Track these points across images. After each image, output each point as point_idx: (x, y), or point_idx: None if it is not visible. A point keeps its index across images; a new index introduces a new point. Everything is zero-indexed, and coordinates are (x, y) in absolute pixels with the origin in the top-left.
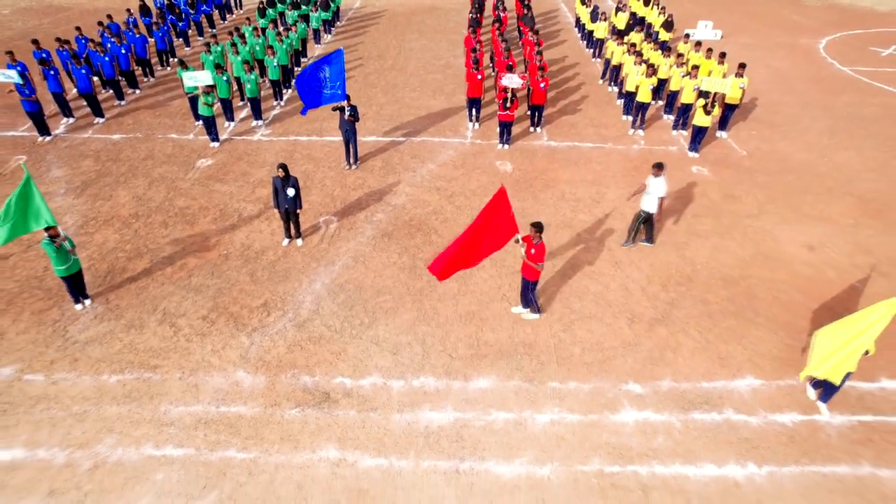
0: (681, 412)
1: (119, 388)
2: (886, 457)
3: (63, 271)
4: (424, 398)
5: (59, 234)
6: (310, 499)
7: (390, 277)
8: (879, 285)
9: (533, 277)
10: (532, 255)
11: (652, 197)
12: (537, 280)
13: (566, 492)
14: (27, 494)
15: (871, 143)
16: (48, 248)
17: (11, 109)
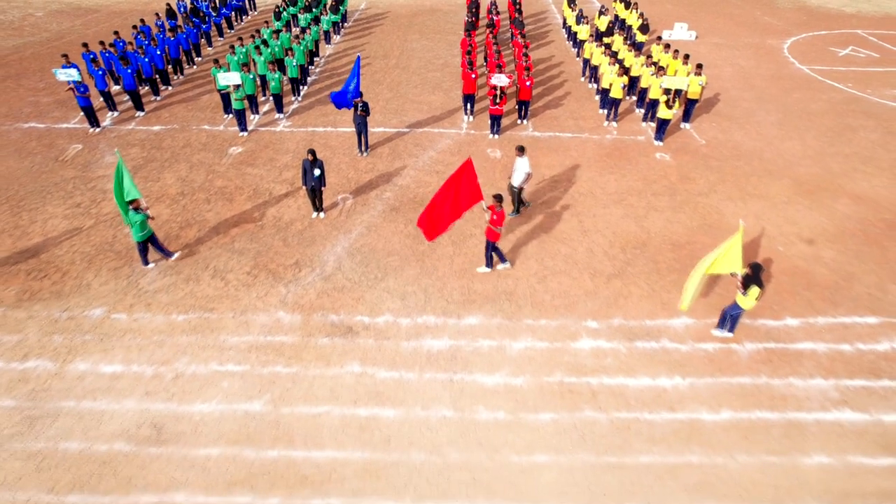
0: (627, 341)
1: (186, 324)
2: (779, 371)
3: (140, 237)
4: (426, 331)
5: (140, 206)
6: (340, 398)
7: (398, 242)
8: (797, 248)
9: (494, 238)
10: (494, 221)
11: (519, 173)
12: (496, 241)
13: (534, 394)
14: (129, 394)
15: (813, 133)
16: (133, 216)
17: (63, 105)
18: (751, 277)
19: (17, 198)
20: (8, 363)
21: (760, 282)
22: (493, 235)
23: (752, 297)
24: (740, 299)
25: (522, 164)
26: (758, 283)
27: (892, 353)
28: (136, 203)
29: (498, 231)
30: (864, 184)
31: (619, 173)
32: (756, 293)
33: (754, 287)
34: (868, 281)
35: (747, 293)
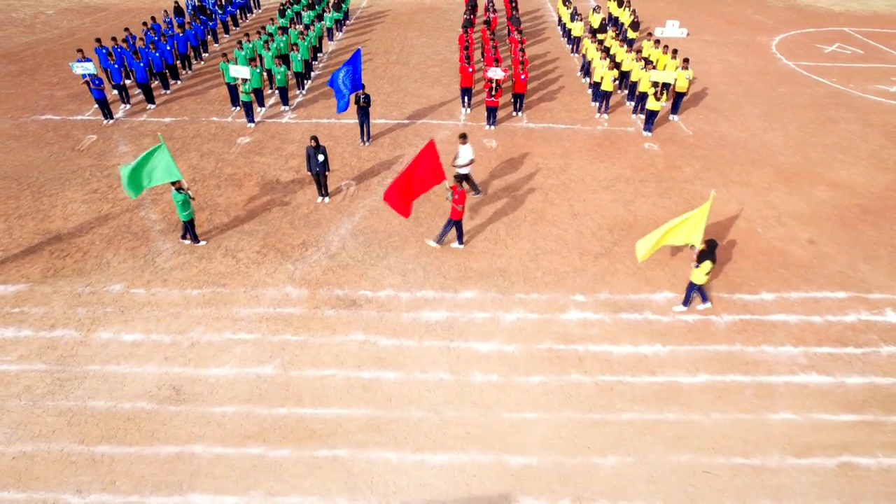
0: (612, 313)
1: (200, 298)
2: (752, 340)
3: (185, 216)
4: (425, 304)
5: (182, 186)
6: (344, 363)
7: (398, 224)
8: (775, 231)
9: (457, 217)
10: (456, 200)
11: (462, 159)
12: (460, 219)
13: (524, 360)
14: (149, 360)
15: (796, 125)
16: (175, 196)
17: (77, 98)
18: (706, 253)
19: (37, 184)
20: (37, 332)
21: (714, 257)
22: (455, 214)
23: (703, 270)
24: (693, 273)
25: (466, 151)
26: (711, 259)
27: (858, 323)
28: (178, 184)
29: (460, 209)
30: (841, 172)
31: (608, 161)
32: (708, 268)
33: (707, 262)
34: (840, 260)
35: (700, 266)
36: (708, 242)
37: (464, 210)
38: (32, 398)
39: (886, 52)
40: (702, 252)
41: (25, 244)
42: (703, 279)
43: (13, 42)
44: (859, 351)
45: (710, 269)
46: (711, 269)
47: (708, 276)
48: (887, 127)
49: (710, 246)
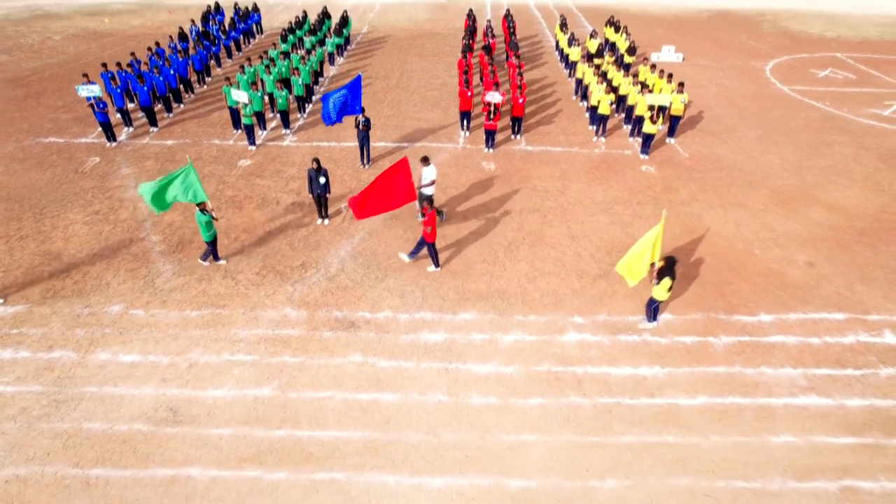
0: (610, 335)
1: (199, 319)
2: (751, 362)
3: (208, 237)
4: (424, 325)
5: (207, 207)
6: (342, 385)
7: (397, 247)
8: (773, 252)
9: (429, 239)
10: (425, 221)
11: (426, 181)
12: (432, 241)
13: (523, 382)
14: (147, 381)
15: (791, 148)
16: (199, 217)
17: (81, 121)
18: (665, 269)
19: (39, 206)
20: (35, 353)
21: (673, 274)
22: (426, 236)
23: (664, 287)
24: (654, 290)
25: (429, 173)
26: (671, 276)
27: (856, 345)
28: (203, 205)
29: (429, 231)
30: (836, 194)
31: (606, 184)
32: (668, 284)
33: (667, 279)
34: (838, 282)
35: (660, 283)
36: (667, 259)
37: (434, 232)
38: (28, 420)
39: (878, 77)
40: (661, 269)
41: (26, 265)
42: (664, 295)
43: (20, 67)
44: (858, 373)
45: (670, 286)
46: (671, 285)
47: (669, 293)
48: (881, 150)
49: (669, 263)
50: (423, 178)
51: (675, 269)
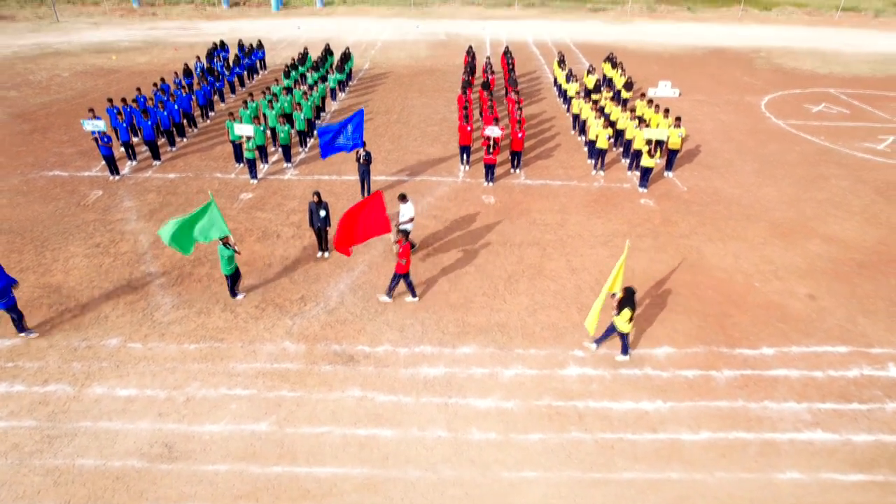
0: (612, 369)
1: (197, 352)
2: (754, 396)
3: (228, 270)
4: (423, 359)
5: (229, 242)
6: (341, 420)
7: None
8: (773, 285)
9: (401, 270)
10: (400, 254)
11: (405, 218)
12: (407, 272)
13: (524, 417)
14: (143, 416)
15: (788, 181)
16: (222, 251)
17: (85, 154)
18: (624, 300)
19: (41, 238)
20: (30, 387)
21: (633, 304)
22: (400, 268)
23: (624, 318)
24: (616, 321)
25: (407, 210)
26: (630, 306)
27: (861, 378)
28: (226, 239)
29: (404, 263)
30: (835, 226)
31: (605, 217)
32: (628, 315)
33: (626, 310)
34: (839, 314)
35: (620, 314)
36: (626, 290)
37: (408, 264)
38: (20, 456)
39: (871, 112)
40: (621, 300)
41: (25, 298)
42: (626, 327)
43: (28, 102)
44: (864, 407)
45: (630, 316)
46: (632, 315)
47: (631, 324)
48: (877, 183)
49: (628, 293)
50: (401, 216)
51: (635, 299)
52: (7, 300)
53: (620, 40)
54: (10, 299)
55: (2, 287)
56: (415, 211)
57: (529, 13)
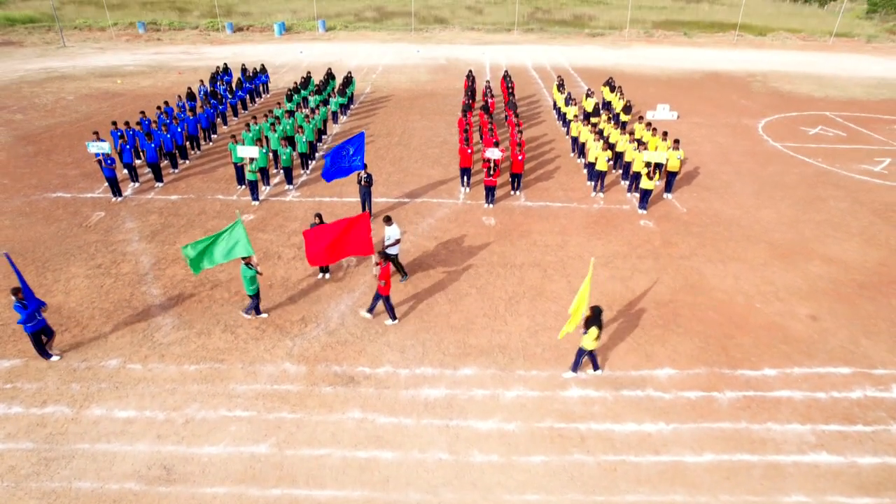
0: (613, 390)
1: (197, 374)
2: (757, 417)
3: (251, 290)
4: (424, 381)
5: (252, 261)
6: (341, 442)
7: (398, 300)
8: (774, 306)
9: (384, 292)
10: (379, 275)
11: (390, 240)
12: (387, 294)
13: (525, 439)
14: (141, 437)
15: (787, 203)
16: (245, 271)
17: (88, 176)
18: (591, 319)
19: (42, 259)
20: (28, 409)
21: (599, 323)
22: (380, 289)
23: (591, 337)
24: (583, 339)
25: (392, 232)
26: (597, 325)
27: (864, 400)
28: (248, 259)
29: (383, 285)
30: (835, 247)
31: (605, 239)
32: (595, 334)
33: (594, 328)
34: (841, 335)
35: (587, 332)
36: (593, 309)
37: (388, 286)
38: (16, 479)
39: (867, 135)
40: (588, 318)
41: None
42: (592, 345)
43: (33, 125)
44: (869, 429)
45: (597, 335)
46: (598, 334)
47: (597, 342)
48: (875, 204)
49: (595, 312)
50: (386, 238)
51: (602, 318)
52: (36, 323)
53: (618, 64)
54: (39, 322)
55: (32, 310)
56: (400, 233)
57: (528, 38)
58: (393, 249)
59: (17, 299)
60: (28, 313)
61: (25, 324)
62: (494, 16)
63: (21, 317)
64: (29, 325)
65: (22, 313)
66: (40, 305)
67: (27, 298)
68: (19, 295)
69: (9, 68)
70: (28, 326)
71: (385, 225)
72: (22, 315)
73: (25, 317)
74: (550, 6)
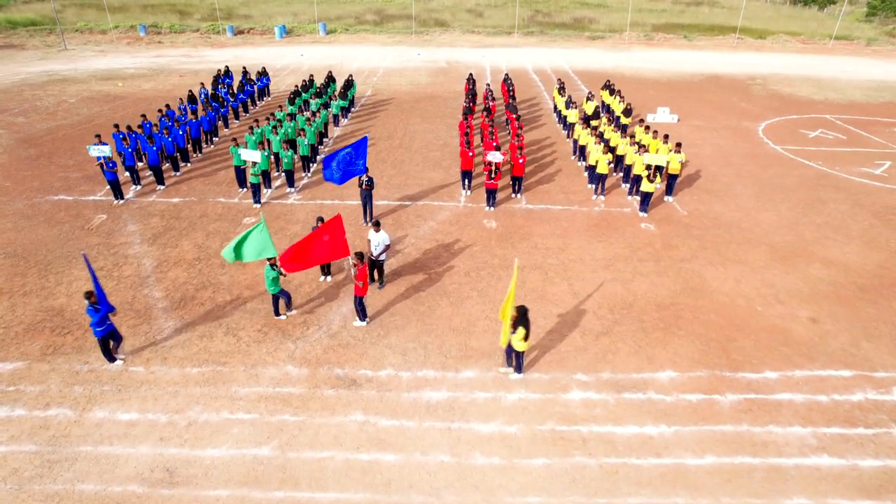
0: (615, 393)
1: (199, 376)
2: (759, 420)
3: (274, 290)
4: (426, 383)
5: (276, 263)
6: (343, 444)
7: (399, 303)
8: (775, 308)
9: (360, 293)
10: (356, 276)
11: (379, 246)
12: (364, 295)
13: (527, 442)
14: (144, 440)
15: (787, 205)
16: (268, 271)
17: (90, 179)
18: (518, 319)
19: (44, 262)
20: (31, 411)
21: (525, 322)
22: (357, 290)
23: (519, 337)
24: (512, 340)
25: (380, 238)
26: (523, 325)
27: (865, 403)
28: (273, 260)
29: (360, 286)
30: (835, 250)
31: (606, 242)
32: (522, 333)
33: (521, 328)
34: (842, 338)
35: (516, 332)
36: (518, 309)
37: (365, 287)
38: (19, 482)
39: (867, 138)
40: (515, 319)
41: (27, 321)
42: (521, 346)
43: (35, 128)
44: (870, 432)
45: (525, 335)
46: (526, 334)
47: (527, 343)
48: (875, 207)
49: (521, 312)
50: (373, 245)
51: (528, 317)
52: (106, 327)
53: (619, 67)
54: (108, 326)
55: (103, 314)
56: (389, 239)
57: (529, 41)
58: (382, 257)
59: (90, 303)
60: (100, 317)
61: (96, 327)
62: (495, 19)
63: (93, 320)
64: (99, 328)
65: (94, 317)
66: (110, 310)
67: (100, 302)
68: (92, 298)
69: (10, 71)
70: (98, 331)
71: (373, 230)
72: (94, 318)
73: (97, 320)
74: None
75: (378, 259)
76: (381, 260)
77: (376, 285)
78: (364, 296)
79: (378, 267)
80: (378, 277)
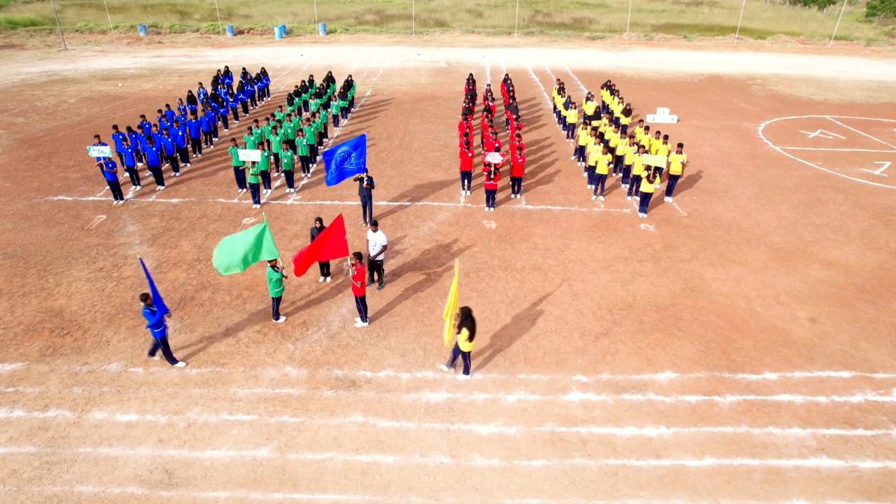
0: (614, 394)
1: (198, 377)
2: (758, 421)
3: (276, 293)
4: (425, 385)
5: (278, 264)
6: (342, 446)
7: (399, 304)
8: (774, 309)
9: (359, 293)
10: (355, 276)
11: (377, 247)
12: (363, 295)
13: (526, 443)
14: (144, 441)
15: (787, 206)
16: (270, 274)
17: (90, 179)
18: (463, 320)
19: (44, 263)
20: (30, 412)
21: (468, 323)
22: (355, 290)
23: (464, 337)
24: (458, 340)
25: (379, 238)
26: (468, 326)
27: (865, 404)
28: (274, 262)
29: (359, 286)
30: (835, 251)
31: (606, 242)
32: (467, 334)
33: (465, 329)
34: (842, 339)
35: (460, 333)
36: (462, 310)
37: (363, 287)
38: (17, 483)
39: (867, 138)
40: (460, 320)
41: (27, 322)
42: (467, 346)
43: (35, 128)
44: (870, 433)
45: (468, 336)
46: (470, 335)
47: (472, 343)
48: (875, 208)
49: (465, 313)
50: (371, 245)
51: (473, 317)
52: (162, 329)
53: (619, 67)
54: (164, 329)
55: (160, 316)
56: (386, 239)
57: (528, 41)
58: (380, 257)
59: (146, 305)
60: (157, 319)
61: (153, 329)
62: (495, 19)
63: (150, 322)
64: (157, 330)
65: (150, 319)
66: (165, 312)
67: (156, 304)
68: (148, 301)
69: (10, 71)
70: (157, 332)
71: (372, 231)
72: (150, 320)
73: (154, 321)
74: (550, 9)
75: (376, 259)
76: (379, 260)
77: (375, 286)
78: (363, 295)
79: (377, 268)
80: (377, 278)
